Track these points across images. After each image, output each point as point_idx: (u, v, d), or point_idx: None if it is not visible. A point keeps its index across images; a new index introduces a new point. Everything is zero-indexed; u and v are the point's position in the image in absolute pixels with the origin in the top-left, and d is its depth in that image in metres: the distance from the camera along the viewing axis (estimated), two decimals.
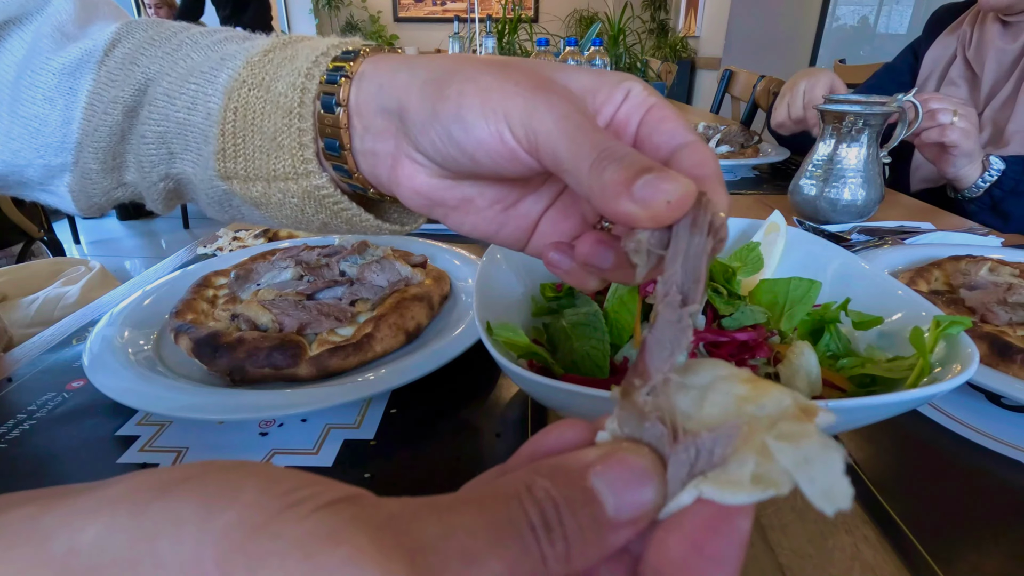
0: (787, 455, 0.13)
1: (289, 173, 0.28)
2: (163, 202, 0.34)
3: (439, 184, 0.26)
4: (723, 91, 2.37)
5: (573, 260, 0.24)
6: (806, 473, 0.13)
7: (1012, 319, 0.45)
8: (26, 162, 0.32)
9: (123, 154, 0.32)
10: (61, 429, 0.38)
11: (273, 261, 0.54)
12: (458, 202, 0.27)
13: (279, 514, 0.10)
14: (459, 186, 0.26)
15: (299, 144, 0.27)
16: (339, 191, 0.29)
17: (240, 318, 0.45)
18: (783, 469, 0.13)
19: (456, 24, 2.06)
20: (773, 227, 0.48)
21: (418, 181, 0.26)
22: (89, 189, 0.33)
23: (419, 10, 5.81)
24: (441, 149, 0.24)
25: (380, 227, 0.31)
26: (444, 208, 0.27)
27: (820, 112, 0.78)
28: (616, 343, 0.37)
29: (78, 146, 0.31)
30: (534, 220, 0.27)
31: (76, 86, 0.30)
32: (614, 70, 2.27)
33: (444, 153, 0.24)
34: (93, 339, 0.43)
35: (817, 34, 3.68)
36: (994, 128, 0.94)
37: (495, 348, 0.30)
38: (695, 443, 0.14)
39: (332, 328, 0.44)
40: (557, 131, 0.20)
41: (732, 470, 0.13)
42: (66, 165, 0.32)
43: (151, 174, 0.32)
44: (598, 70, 0.24)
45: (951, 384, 0.26)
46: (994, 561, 0.28)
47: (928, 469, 0.34)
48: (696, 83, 4.63)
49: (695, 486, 0.14)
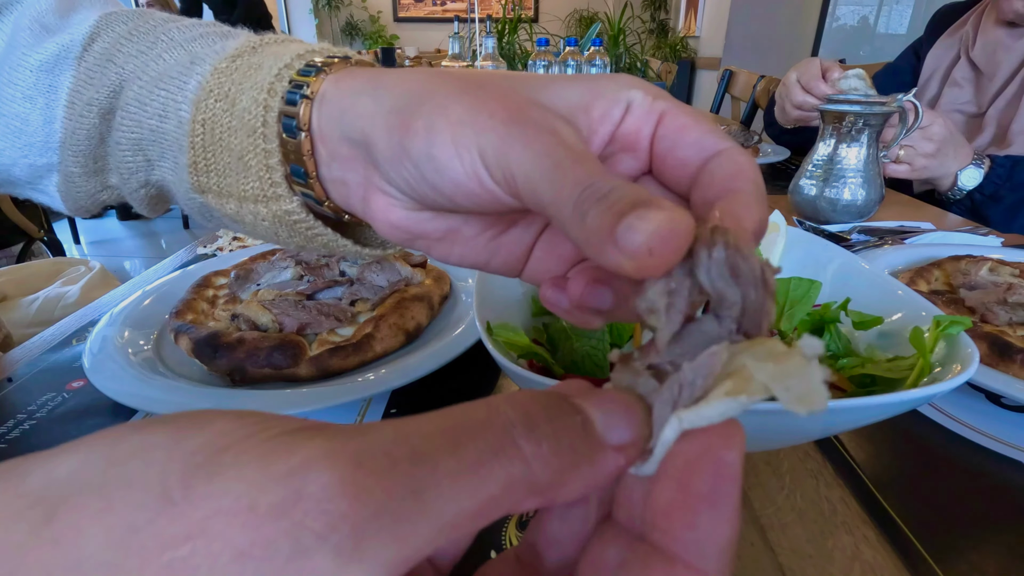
0: (765, 371, 0.12)
1: (258, 195, 0.26)
2: (148, 207, 0.32)
3: (418, 217, 0.23)
4: (723, 91, 2.37)
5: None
6: (782, 383, 0.12)
7: (1012, 319, 0.45)
8: (11, 161, 0.31)
9: (104, 157, 0.30)
10: (61, 429, 0.38)
11: (273, 261, 0.54)
12: (442, 234, 0.24)
13: (245, 439, 0.11)
14: (441, 217, 0.23)
15: (266, 167, 0.25)
16: (311, 216, 0.26)
17: (240, 318, 0.45)
18: (760, 382, 0.12)
19: (456, 24, 2.06)
20: (773, 227, 0.48)
21: (394, 215, 0.23)
22: (73, 192, 0.32)
23: (419, 10, 5.81)
24: (415, 187, 0.21)
25: (359, 252, 0.29)
26: (427, 240, 0.24)
27: (820, 112, 0.78)
28: (616, 343, 0.37)
29: (62, 146, 0.30)
30: (528, 246, 0.24)
31: (56, 83, 0.29)
32: (614, 70, 2.23)
33: (419, 191, 0.21)
34: (93, 339, 0.43)
35: (817, 34, 3.68)
36: (998, 128, 0.94)
37: (495, 348, 0.30)
38: (678, 379, 0.13)
39: (332, 328, 0.44)
40: (536, 172, 0.17)
41: (712, 397, 0.13)
42: (52, 165, 0.31)
43: (130, 180, 0.30)
44: (593, 77, 0.21)
45: (951, 384, 0.26)
46: (994, 561, 0.28)
47: (928, 469, 0.34)
48: (696, 83, 4.63)
49: (676, 417, 0.13)
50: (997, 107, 0.94)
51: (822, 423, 0.28)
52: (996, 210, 0.83)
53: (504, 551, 0.23)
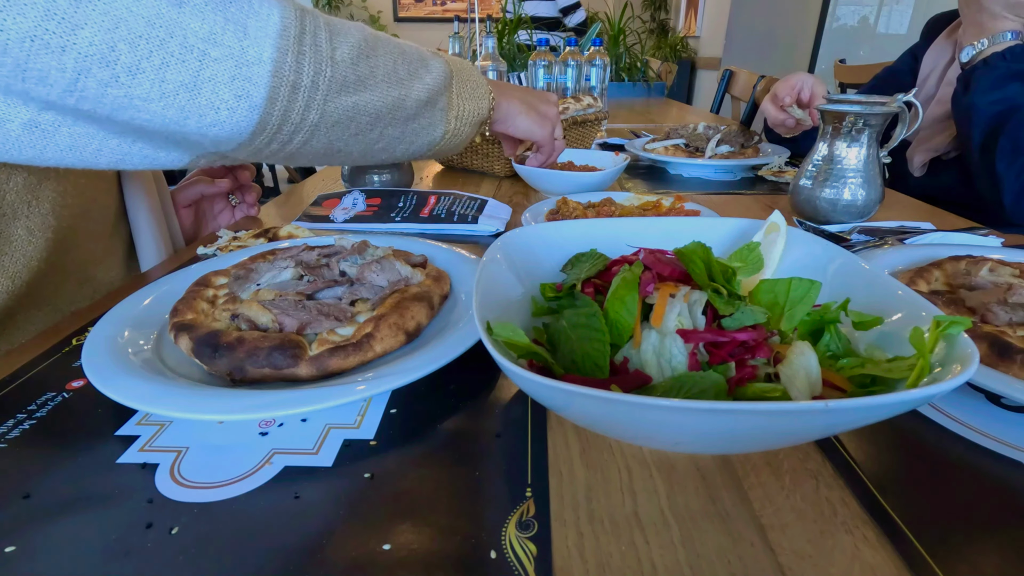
0: None
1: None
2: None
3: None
4: (723, 91, 2.37)
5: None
6: None
7: (1012, 319, 0.45)
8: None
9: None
10: (61, 429, 0.38)
11: (273, 261, 0.54)
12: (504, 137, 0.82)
13: None
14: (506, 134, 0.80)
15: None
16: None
17: (240, 318, 0.45)
18: None
19: (456, 24, 2.06)
20: (773, 227, 0.48)
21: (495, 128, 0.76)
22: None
23: (419, 10, 5.81)
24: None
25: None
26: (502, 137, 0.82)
27: (820, 112, 0.78)
28: (616, 343, 0.37)
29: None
30: (517, 148, 0.85)
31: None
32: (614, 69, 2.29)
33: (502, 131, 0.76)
34: (93, 339, 0.43)
35: (817, 34, 3.68)
36: None
37: (495, 348, 0.30)
38: None
39: (332, 328, 0.44)
40: (539, 134, 0.77)
41: None
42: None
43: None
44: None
45: (951, 384, 0.26)
46: (994, 561, 0.28)
47: (928, 469, 0.34)
48: (696, 83, 4.62)
49: None
50: None
51: (822, 423, 0.28)
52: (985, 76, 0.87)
53: None
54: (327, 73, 0.46)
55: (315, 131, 0.48)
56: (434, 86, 0.56)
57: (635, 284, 0.39)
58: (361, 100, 0.49)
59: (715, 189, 1.03)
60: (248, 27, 0.40)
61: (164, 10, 0.37)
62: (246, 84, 0.41)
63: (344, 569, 0.28)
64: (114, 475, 0.34)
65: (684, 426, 0.28)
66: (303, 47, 0.43)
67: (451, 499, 0.32)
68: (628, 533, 0.30)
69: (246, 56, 0.40)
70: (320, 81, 0.45)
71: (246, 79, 0.41)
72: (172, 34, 0.37)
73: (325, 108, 0.47)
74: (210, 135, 0.43)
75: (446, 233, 0.76)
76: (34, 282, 0.56)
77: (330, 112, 0.48)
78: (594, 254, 0.47)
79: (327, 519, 0.31)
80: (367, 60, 0.49)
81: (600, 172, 0.89)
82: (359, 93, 0.49)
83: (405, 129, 0.56)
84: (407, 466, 0.35)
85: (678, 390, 0.33)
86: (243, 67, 0.40)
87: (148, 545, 0.29)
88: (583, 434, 0.37)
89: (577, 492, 0.32)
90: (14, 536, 0.30)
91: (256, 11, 0.41)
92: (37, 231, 0.56)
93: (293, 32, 0.43)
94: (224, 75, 0.40)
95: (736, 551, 0.29)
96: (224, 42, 0.39)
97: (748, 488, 0.33)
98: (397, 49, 0.53)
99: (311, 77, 0.45)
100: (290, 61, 0.43)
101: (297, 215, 0.85)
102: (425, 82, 0.55)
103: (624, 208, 0.80)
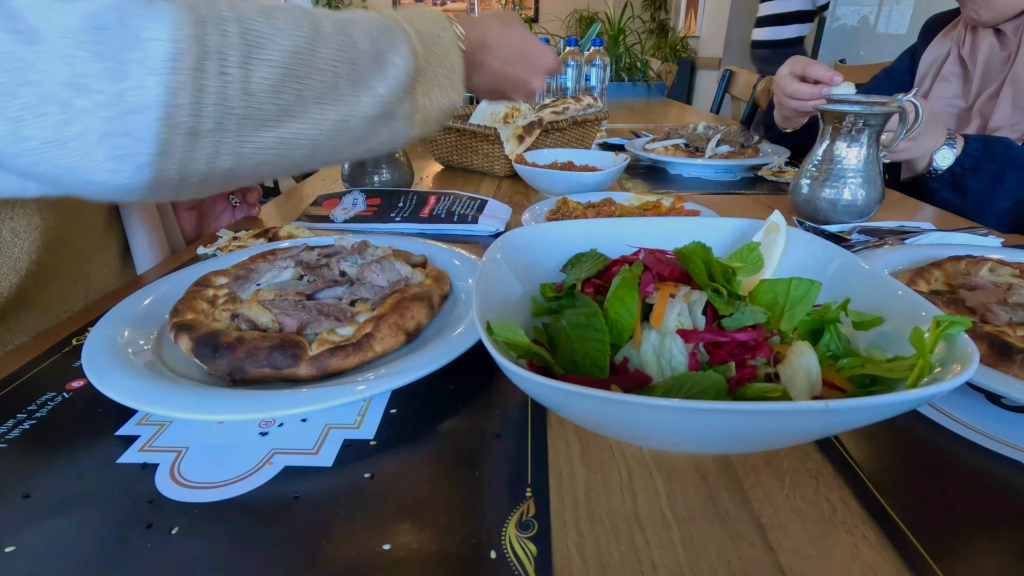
0: None
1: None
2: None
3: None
4: (723, 91, 2.37)
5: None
6: None
7: (1012, 319, 0.45)
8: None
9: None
10: (61, 429, 0.38)
11: (273, 261, 0.54)
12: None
13: None
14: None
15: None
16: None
17: (240, 318, 0.45)
18: None
19: None
20: (773, 227, 0.48)
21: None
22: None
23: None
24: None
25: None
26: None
27: (820, 112, 0.78)
28: (616, 343, 0.37)
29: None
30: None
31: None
32: (614, 70, 2.30)
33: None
34: (93, 339, 0.43)
35: (817, 34, 3.68)
36: (981, 119, 1.00)
37: (495, 348, 0.30)
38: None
39: (332, 328, 0.44)
40: (516, 91, 0.67)
41: None
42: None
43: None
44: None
45: (951, 384, 0.26)
46: (994, 561, 0.28)
47: (928, 469, 0.34)
48: (696, 83, 4.62)
49: None
50: (982, 100, 1.00)
51: (822, 423, 0.28)
52: (976, 181, 0.86)
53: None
54: (238, 111, 0.36)
55: (232, 175, 0.39)
56: (389, 95, 0.45)
57: (635, 284, 0.39)
58: (288, 133, 0.39)
59: (715, 189, 1.04)
60: (127, 63, 0.31)
61: (12, 49, 0.29)
62: (125, 140, 0.32)
63: (344, 569, 0.28)
64: (114, 475, 0.34)
65: (684, 426, 0.28)
66: (204, 80, 0.33)
67: (451, 499, 0.32)
68: (628, 533, 0.30)
69: (124, 103, 0.31)
70: (228, 123, 0.36)
71: (124, 134, 0.32)
72: (25, 80, 0.30)
73: (240, 151, 0.38)
74: (98, 194, 0.36)
75: (446, 233, 0.76)
76: (23, 283, 0.55)
77: (248, 154, 0.38)
78: (594, 254, 0.47)
79: (327, 519, 0.31)
80: (296, 82, 0.38)
81: (600, 172, 0.90)
82: (285, 125, 0.39)
83: (356, 148, 0.47)
84: (407, 466, 0.35)
85: (678, 390, 0.33)
86: (120, 118, 0.32)
87: (148, 545, 0.29)
88: (583, 434, 0.37)
89: (577, 492, 0.32)
90: (14, 536, 0.30)
91: (138, 36, 0.31)
92: (23, 232, 0.55)
93: (190, 59, 0.33)
94: (95, 131, 0.32)
95: (736, 551, 0.29)
96: (94, 87, 0.31)
97: (748, 488, 0.33)
98: (346, 49, 0.42)
99: (215, 120, 0.35)
100: (185, 102, 0.33)
101: (297, 215, 0.85)
102: (377, 93, 0.44)
103: (624, 208, 0.80)
